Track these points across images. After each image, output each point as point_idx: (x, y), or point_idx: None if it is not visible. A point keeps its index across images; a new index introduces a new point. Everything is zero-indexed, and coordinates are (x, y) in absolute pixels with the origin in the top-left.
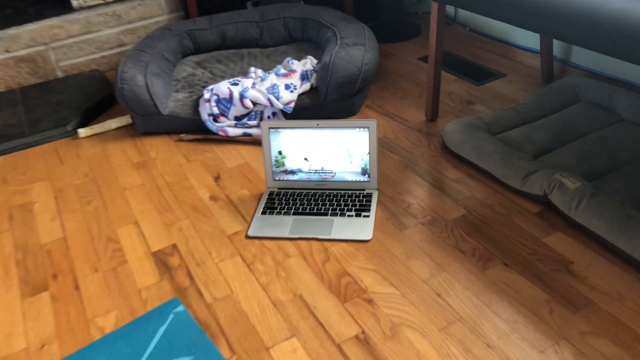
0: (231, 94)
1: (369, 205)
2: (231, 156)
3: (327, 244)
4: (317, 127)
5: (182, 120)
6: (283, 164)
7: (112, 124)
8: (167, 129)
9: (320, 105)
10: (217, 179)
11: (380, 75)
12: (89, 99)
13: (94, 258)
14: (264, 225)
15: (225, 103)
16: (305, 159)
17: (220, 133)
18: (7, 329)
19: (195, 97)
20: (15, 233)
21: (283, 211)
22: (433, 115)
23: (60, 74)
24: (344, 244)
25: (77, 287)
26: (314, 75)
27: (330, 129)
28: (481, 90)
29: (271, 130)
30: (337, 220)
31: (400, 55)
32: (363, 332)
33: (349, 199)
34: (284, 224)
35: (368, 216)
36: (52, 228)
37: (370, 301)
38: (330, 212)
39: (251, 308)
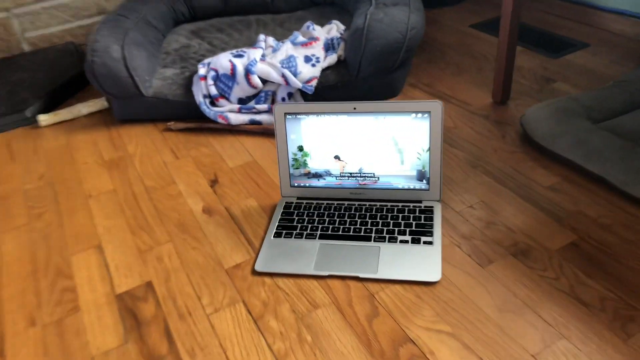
0: (234, 68)
1: (431, 226)
2: (234, 152)
3: (372, 286)
4: (354, 112)
5: (171, 103)
6: (305, 164)
7: (83, 109)
8: (151, 114)
9: (351, 84)
10: (213, 183)
11: (425, 46)
12: (57, 78)
13: (32, 302)
14: (278, 254)
15: (225, 81)
16: (337, 157)
17: (220, 120)
18: None
19: (188, 73)
20: None
21: (305, 233)
22: (503, 96)
23: (26, 48)
24: (398, 287)
25: (0, 353)
26: (342, 45)
27: (373, 114)
28: (559, 64)
29: (288, 116)
30: (386, 248)
31: (446, 22)
32: None
33: (401, 215)
34: (308, 254)
35: (431, 242)
36: None
37: None
38: (374, 235)
39: None
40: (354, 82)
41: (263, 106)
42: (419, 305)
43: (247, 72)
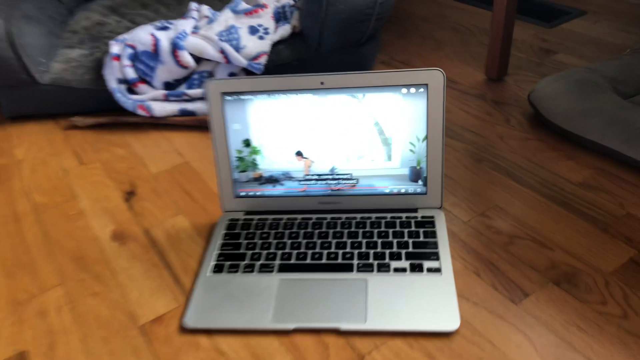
0: (157, 43)
1: (435, 244)
2: (158, 153)
3: (361, 342)
4: (321, 88)
5: (76, 92)
6: (254, 166)
7: None
8: (50, 108)
9: (310, 61)
10: (129, 196)
11: (394, 20)
12: None
13: None
14: (218, 299)
15: (146, 60)
16: (299, 153)
17: (140, 112)
18: None
19: (99, 54)
20: None
21: (258, 264)
22: (500, 72)
23: None
24: (399, 343)
25: None
26: (295, 14)
27: (349, 91)
28: (557, 34)
29: (227, 98)
30: (375, 280)
31: None
32: None
33: (391, 230)
34: (263, 296)
35: (438, 270)
36: None
37: None
38: (357, 262)
39: None
40: (313, 59)
41: (196, 91)
42: None
43: (175, 47)
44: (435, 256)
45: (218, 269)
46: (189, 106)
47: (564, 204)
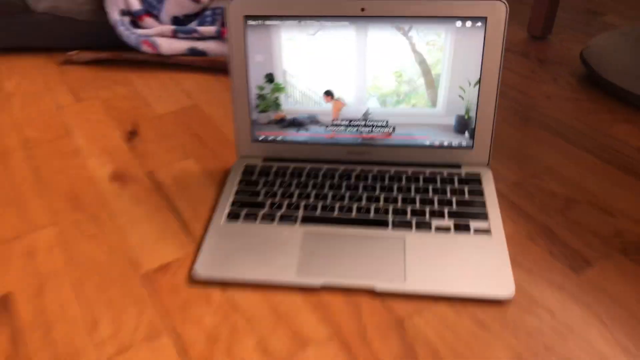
0: None
1: (482, 204)
2: (164, 93)
3: (399, 305)
4: (362, 16)
5: (73, 24)
6: (276, 106)
7: None
8: (44, 41)
9: None
10: (132, 135)
11: None
12: None
13: None
14: (233, 248)
15: None
16: (329, 93)
17: (145, 48)
18: None
19: None
20: None
21: (279, 213)
22: (544, 29)
23: None
24: (444, 308)
25: None
26: None
27: (394, 21)
28: None
29: (250, 23)
30: (414, 238)
31: None
32: None
33: (431, 186)
34: (284, 248)
35: (488, 230)
36: None
37: None
38: (393, 218)
39: None
40: None
41: (209, 29)
42: (487, 341)
43: None
44: (484, 216)
45: (233, 216)
46: (200, 45)
47: (624, 168)
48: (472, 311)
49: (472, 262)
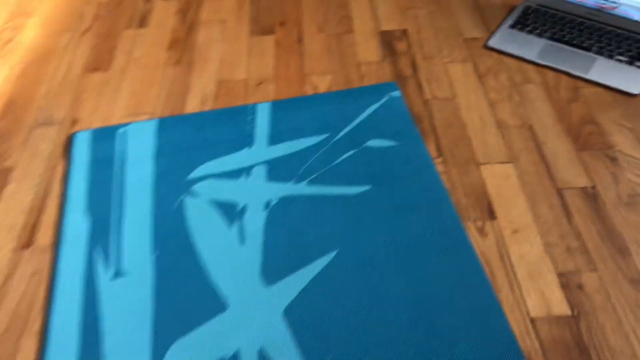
0: None
1: None
2: None
3: (579, 83)
4: None
5: None
6: None
7: None
8: None
9: None
10: None
11: None
12: None
13: (321, 19)
14: (509, 39)
15: None
16: None
17: None
18: (234, 58)
19: None
20: None
21: (536, 31)
22: None
23: None
24: (600, 90)
25: (300, 41)
26: None
27: None
28: None
29: None
30: (601, 60)
31: None
32: (593, 188)
33: (625, 42)
34: (533, 46)
35: None
36: None
37: (614, 160)
38: (594, 48)
39: (471, 119)
40: None
41: None
42: (613, 105)
43: None
44: None
45: (512, 26)
46: None
47: None
48: (614, 95)
49: (626, 77)
